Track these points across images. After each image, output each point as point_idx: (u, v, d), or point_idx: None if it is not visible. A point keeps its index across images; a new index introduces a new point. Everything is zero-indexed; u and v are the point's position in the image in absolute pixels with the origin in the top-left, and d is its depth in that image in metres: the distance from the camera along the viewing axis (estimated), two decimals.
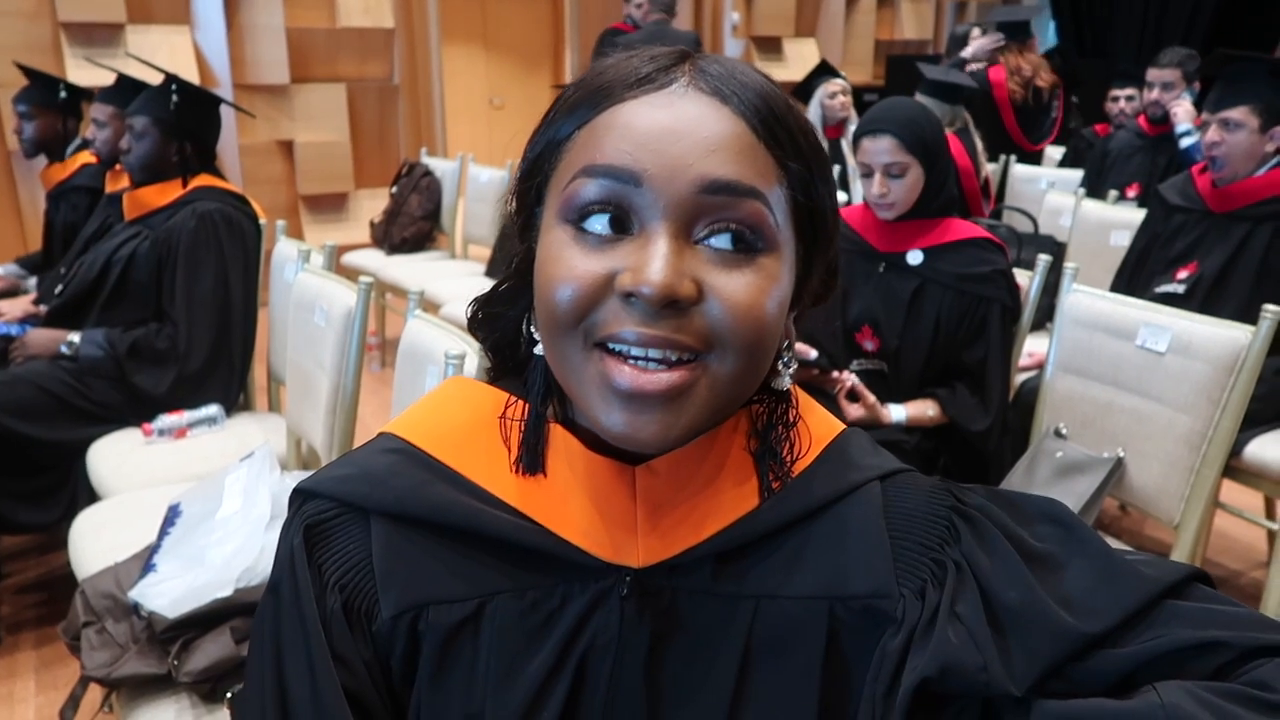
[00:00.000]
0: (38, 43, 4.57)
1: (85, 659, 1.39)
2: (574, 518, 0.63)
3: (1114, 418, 1.87)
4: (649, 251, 0.54)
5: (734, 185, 0.55)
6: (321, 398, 1.93)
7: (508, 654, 0.62)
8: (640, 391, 0.54)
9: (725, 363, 0.56)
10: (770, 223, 0.56)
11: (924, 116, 1.92)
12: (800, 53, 7.35)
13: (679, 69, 0.58)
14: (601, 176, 0.55)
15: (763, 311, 0.56)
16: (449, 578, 0.63)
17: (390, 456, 0.65)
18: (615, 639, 0.62)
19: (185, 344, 2.33)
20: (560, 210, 0.57)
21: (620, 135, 0.56)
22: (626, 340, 0.54)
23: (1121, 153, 4.05)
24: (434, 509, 0.63)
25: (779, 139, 0.57)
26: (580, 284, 0.55)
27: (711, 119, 0.56)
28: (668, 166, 0.54)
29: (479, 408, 0.68)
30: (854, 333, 2.03)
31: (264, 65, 5.16)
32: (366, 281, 1.88)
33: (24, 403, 2.21)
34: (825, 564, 0.63)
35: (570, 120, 0.59)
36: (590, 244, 0.56)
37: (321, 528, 0.64)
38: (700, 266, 0.55)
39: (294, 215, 5.39)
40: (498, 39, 6.97)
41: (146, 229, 2.41)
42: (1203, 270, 2.47)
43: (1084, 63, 7.83)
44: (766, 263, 0.57)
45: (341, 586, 0.63)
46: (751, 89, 0.58)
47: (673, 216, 0.55)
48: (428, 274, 4.03)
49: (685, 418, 0.56)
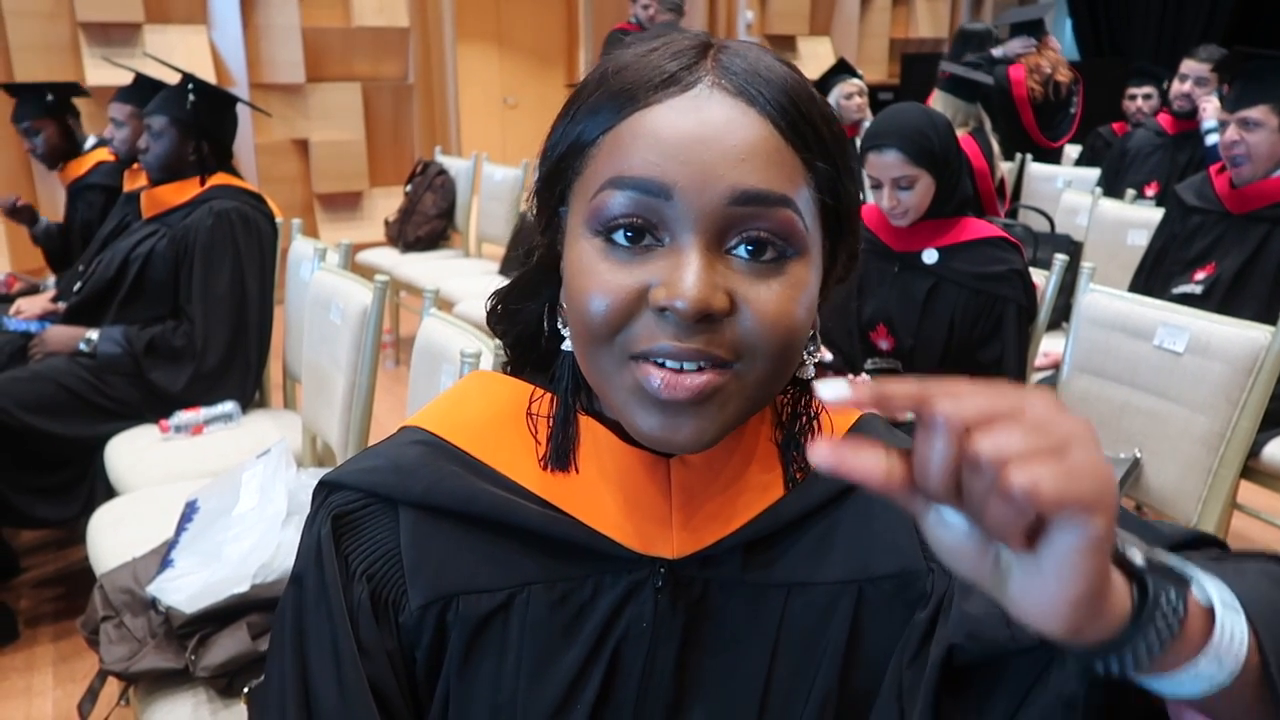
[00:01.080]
0: (56, 42, 4.61)
1: (104, 653, 1.40)
2: (605, 509, 0.63)
3: (1131, 418, 1.86)
4: (681, 265, 0.54)
5: (765, 195, 0.54)
6: (337, 395, 1.94)
7: (539, 645, 0.62)
8: (675, 398, 0.55)
9: (755, 368, 0.56)
10: (800, 228, 0.56)
11: (929, 124, 1.89)
12: (815, 51, 7.33)
13: (702, 65, 0.57)
14: (630, 189, 0.55)
15: (793, 319, 0.56)
16: (478, 568, 0.63)
17: (417, 448, 0.65)
18: (649, 630, 0.62)
19: (202, 341, 2.35)
20: (588, 220, 0.57)
21: (647, 145, 0.55)
22: (662, 354, 0.55)
23: (1140, 151, 4.01)
24: (463, 499, 0.63)
25: (806, 139, 0.57)
26: (614, 298, 0.55)
27: (739, 124, 0.55)
28: (697, 178, 0.54)
29: (504, 400, 0.68)
30: (869, 331, 2.03)
31: (280, 65, 5.18)
32: (382, 280, 1.88)
33: (43, 399, 2.23)
34: (853, 548, 0.64)
35: (594, 122, 0.58)
36: (620, 256, 0.56)
37: (349, 518, 0.64)
38: (731, 277, 0.55)
39: (309, 214, 5.41)
40: (512, 38, 6.97)
41: (164, 227, 2.43)
42: (1220, 272, 2.45)
43: (1097, 61, 7.78)
44: (795, 267, 0.57)
45: (369, 576, 0.63)
46: (776, 85, 0.56)
47: (703, 229, 0.54)
48: (442, 272, 4.05)
49: (719, 420, 0.56)
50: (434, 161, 4.59)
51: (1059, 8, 9.18)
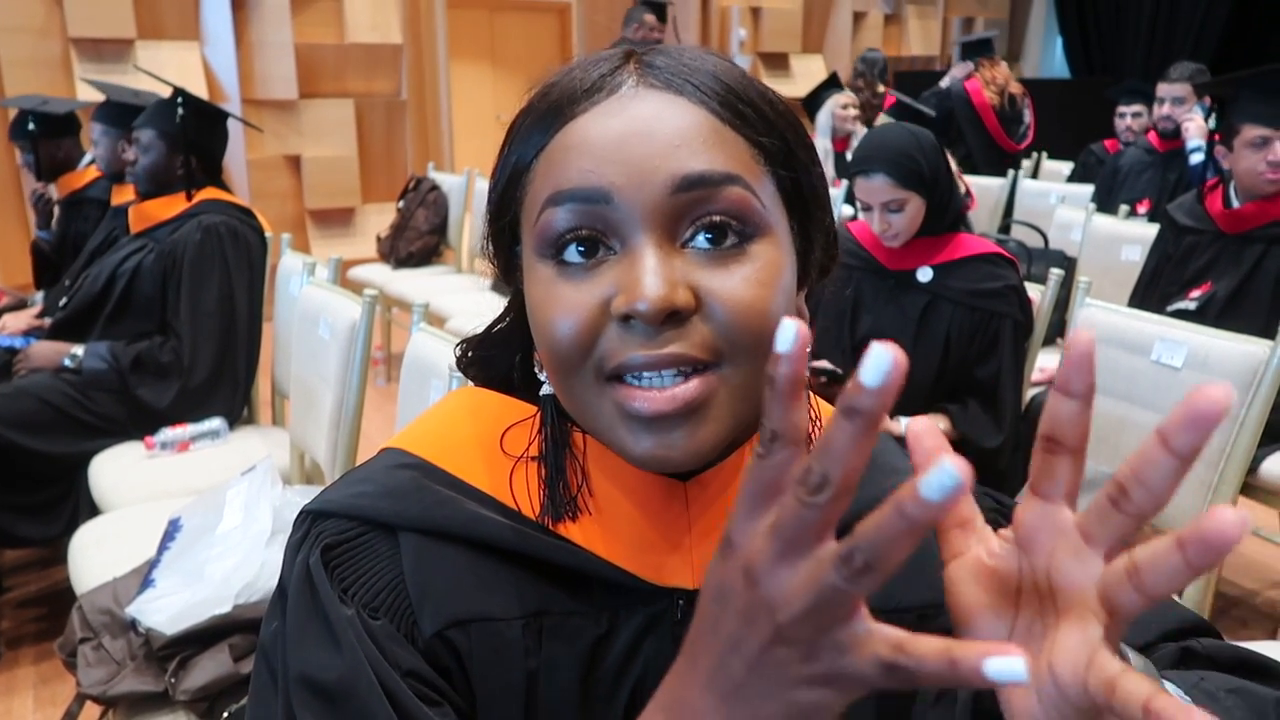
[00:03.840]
0: (48, 58, 4.60)
1: (81, 676, 1.36)
2: (617, 539, 0.59)
3: (1129, 434, 1.84)
4: (637, 267, 0.51)
5: (707, 176, 0.51)
6: (325, 412, 1.91)
7: (554, 680, 0.58)
8: (660, 414, 0.51)
9: (739, 366, 0.52)
10: (756, 206, 0.53)
11: (915, 145, 1.87)
12: (808, 69, 7.36)
13: (624, 70, 0.55)
14: (569, 201, 0.52)
15: (767, 304, 0.52)
16: (490, 595, 0.58)
17: (405, 472, 0.61)
18: (669, 666, 0.59)
19: (189, 357, 2.32)
20: (537, 246, 0.54)
21: (579, 154, 0.53)
22: (635, 366, 0.51)
23: (1132, 169, 4.04)
24: (466, 524, 0.58)
25: (745, 117, 0.54)
26: (577, 319, 0.52)
27: (669, 114, 0.53)
28: (635, 174, 0.51)
29: (492, 420, 0.63)
30: (862, 349, 2.00)
31: (272, 81, 5.18)
32: (371, 294, 1.86)
33: (27, 415, 2.20)
34: None
35: (526, 147, 0.56)
36: (576, 275, 0.53)
37: (342, 548, 0.58)
38: (692, 271, 0.52)
39: (301, 229, 5.40)
40: (505, 55, 6.99)
41: (152, 242, 2.40)
42: (1216, 291, 2.44)
43: (1088, 79, 7.83)
44: (760, 249, 0.53)
45: (371, 611, 0.56)
46: (704, 72, 0.54)
47: (652, 225, 0.52)
48: (434, 288, 4.03)
49: (714, 428, 0.53)
50: (426, 178, 4.58)
51: (1049, 26, 9.26)
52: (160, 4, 4.89)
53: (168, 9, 4.92)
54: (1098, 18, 8.62)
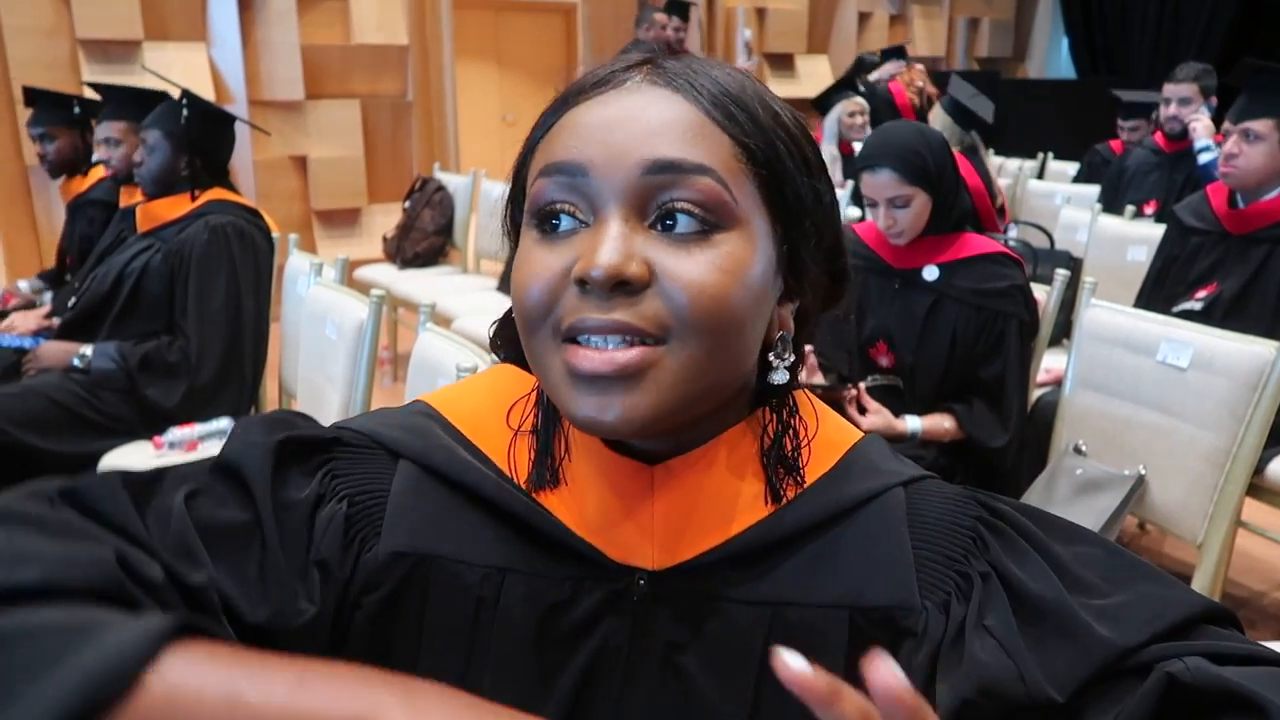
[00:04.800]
0: (56, 59, 4.61)
1: None
2: (587, 515, 0.62)
3: (1134, 434, 1.84)
4: (598, 236, 0.55)
5: (678, 163, 0.55)
6: (332, 411, 1.92)
7: (510, 638, 0.61)
8: (598, 373, 0.54)
9: (687, 345, 0.55)
10: (726, 199, 0.55)
11: (922, 142, 1.87)
12: (813, 70, 7.36)
13: (638, 69, 0.59)
14: (554, 174, 0.57)
15: (722, 291, 0.54)
16: (460, 540, 0.62)
17: (422, 419, 0.67)
18: (627, 644, 0.61)
19: (196, 357, 2.33)
20: (527, 215, 0.59)
21: (570, 133, 0.57)
22: (585, 328, 0.54)
23: (1139, 170, 4.03)
24: (454, 468, 0.63)
25: (734, 117, 0.57)
26: (542, 280, 0.56)
27: (657, 106, 0.56)
28: (612, 154, 0.55)
29: (507, 393, 0.68)
30: (869, 348, 2.01)
31: (279, 82, 5.19)
32: (378, 294, 1.87)
33: (35, 415, 2.21)
34: (845, 572, 0.61)
35: (537, 131, 0.61)
36: (551, 241, 0.57)
37: (351, 450, 0.65)
38: (652, 248, 0.55)
39: (307, 230, 5.41)
40: (511, 56, 7.00)
41: (159, 242, 2.41)
42: (1222, 292, 2.44)
43: (1093, 79, 7.81)
44: (726, 240, 0.55)
45: (351, 501, 0.62)
46: (707, 75, 0.58)
47: (622, 200, 0.55)
48: (440, 288, 4.03)
49: (652, 399, 0.54)
50: (432, 178, 4.59)
51: (1055, 26, 9.24)
52: (167, 5, 4.90)
53: (174, 10, 4.94)
54: (1103, 17, 8.60)
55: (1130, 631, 0.55)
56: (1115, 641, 0.54)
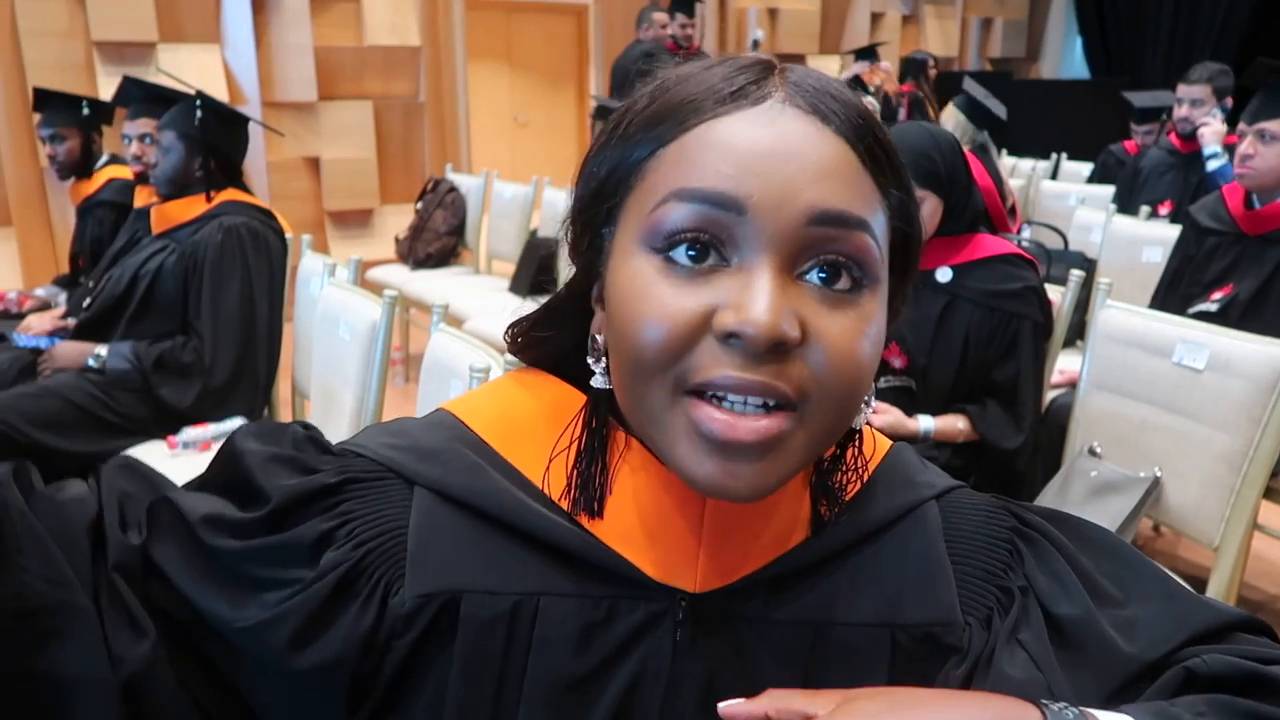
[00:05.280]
0: (71, 61, 4.65)
1: None
2: (630, 533, 0.59)
3: (1150, 436, 1.83)
4: (753, 288, 0.49)
5: (845, 217, 0.50)
6: (345, 412, 1.93)
7: (546, 664, 0.58)
8: (737, 441, 0.50)
9: (823, 411, 0.51)
10: (876, 256, 0.52)
11: (932, 144, 1.86)
12: (825, 70, 7.33)
13: (770, 81, 0.53)
14: (699, 202, 0.50)
15: (863, 356, 0.52)
16: (488, 569, 0.58)
17: (442, 433, 0.62)
18: (668, 665, 0.58)
19: (210, 356, 2.34)
20: (645, 236, 0.52)
21: (720, 156, 0.50)
22: (723, 386, 0.49)
23: (1154, 170, 4.01)
24: (478, 493, 0.59)
25: (880, 163, 0.53)
26: (674, 323, 0.50)
27: (816, 141, 0.51)
28: (775, 193, 0.50)
29: (544, 401, 0.64)
30: (882, 350, 2.00)
31: (292, 83, 5.21)
32: (391, 295, 1.87)
33: (51, 415, 2.22)
34: (885, 590, 0.60)
35: (652, 134, 0.53)
36: (681, 276, 0.51)
37: (362, 484, 0.59)
38: (804, 305, 0.50)
39: (320, 231, 5.43)
40: (522, 57, 7.01)
41: (173, 243, 2.43)
42: (1238, 293, 2.42)
43: (1106, 79, 7.77)
44: (868, 299, 0.52)
45: (368, 549, 0.57)
46: (850, 107, 0.53)
47: (777, 249, 0.50)
48: (452, 289, 4.04)
49: (780, 469, 0.52)
50: (445, 179, 4.60)
51: (1069, 26, 9.19)
52: (181, 7, 4.93)
53: (189, 12, 4.97)
54: (1117, 18, 8.55)
55: (1158, 644, 0.55)
56: (1139, 656, 0.54)
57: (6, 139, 4.57)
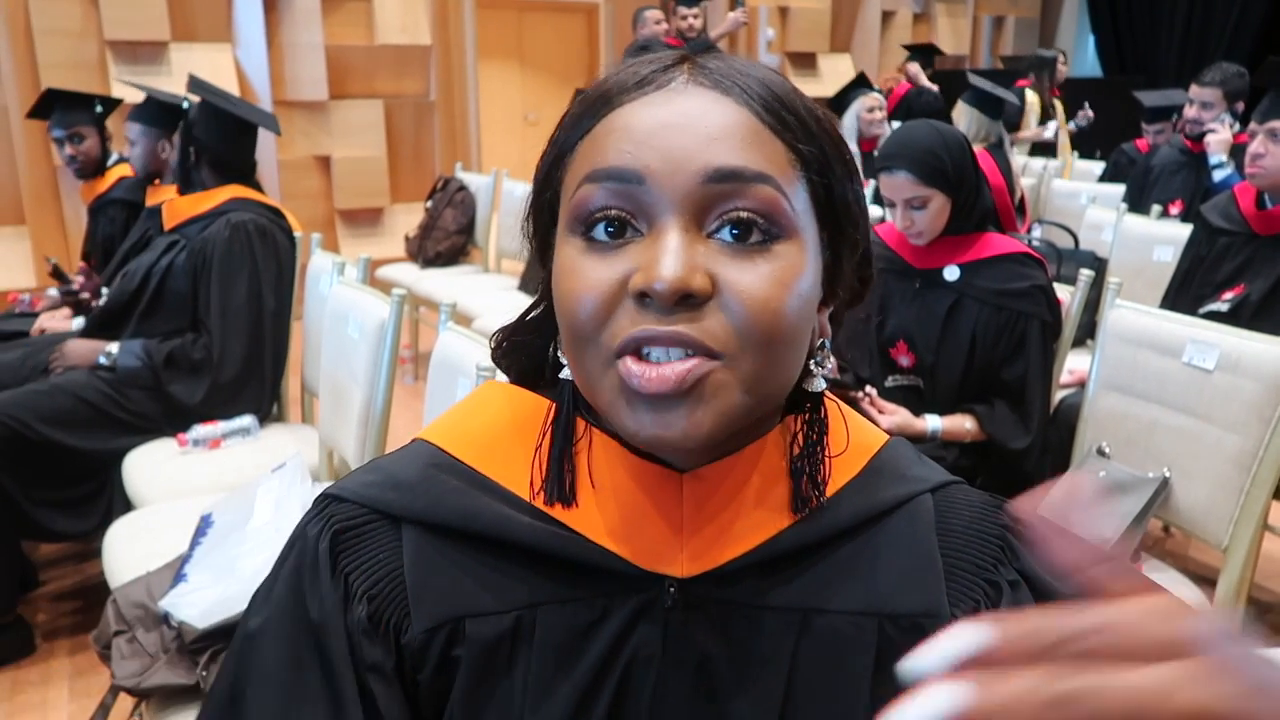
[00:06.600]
0: (84, 61, 4.67)
1: (115, 668, 1.39)
2: (613, 525, 0.60)
3: (1159, 436, 1.82)
4: (659, 247, 0.53)
5: (740, 171, 0.53)
6: (354, 409, 1.93)
7: (547, 668, 0.59)
8: (662, 390, 0.52)
9: (747, 359, 0.53)
10: (785, 208, 0.54)
11: (940, 143, 1.86)
12: (835, 68, 7.33)
13: (678, 69, 0.57)
14: (605, 180, 0.54)
15: (782, 303, 0.53)
16: (484, 590, 0.60)
17: (419, 462, 0.64)
18: (659, 652, 0.60)
19: (218, 353, 2.35)
20: (569, 223, 0.56)
21: (620, 136, 0.55)
22: (640, 339, 0.53)
23: (1165, 169, 3.98)
24: (464, 517, 0.61)
25: (787, 123, 0.56)
26: (596, 292, 0.54)
27: (714, 111, 0.54)
28: (671, 160, 0.53)
29: (514, 412, 0.66)
30: (889, 348, 2.00)
31: (303, 82, 5.23)
32: (399, 293, 1.88)
33: (62, 412, 2.24)
34: (874, 579, 0.61)
35: (573, 132, 0.58)
36: (602, 251, 0.55)
37: (351, 533, 0.62)
38: (714, 259, 0.53)
39: (330, 229, 5.45)
40: (533, 56, 7.01)
41: (183, 239, 2.44)
42: (1249, 293, 2.41)
43: (1119, 78, 7.73)
44: (784, 250, 0.54)
45: (370, 596, 0.60)
46: (754, 78, 0.56)
47: (681, 210, 0.53)
48: (461, 288, 4.05)
49: (713, 411, 0.53)
50: (454, 178, 4.61)
51: (1082, 25, 9.15)
52: (194, 7, 4.96)
53: (201, 11, 4.99)
54: (1131, 16, 8.51)
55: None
56: None
57: (21, 138, 4.61)
